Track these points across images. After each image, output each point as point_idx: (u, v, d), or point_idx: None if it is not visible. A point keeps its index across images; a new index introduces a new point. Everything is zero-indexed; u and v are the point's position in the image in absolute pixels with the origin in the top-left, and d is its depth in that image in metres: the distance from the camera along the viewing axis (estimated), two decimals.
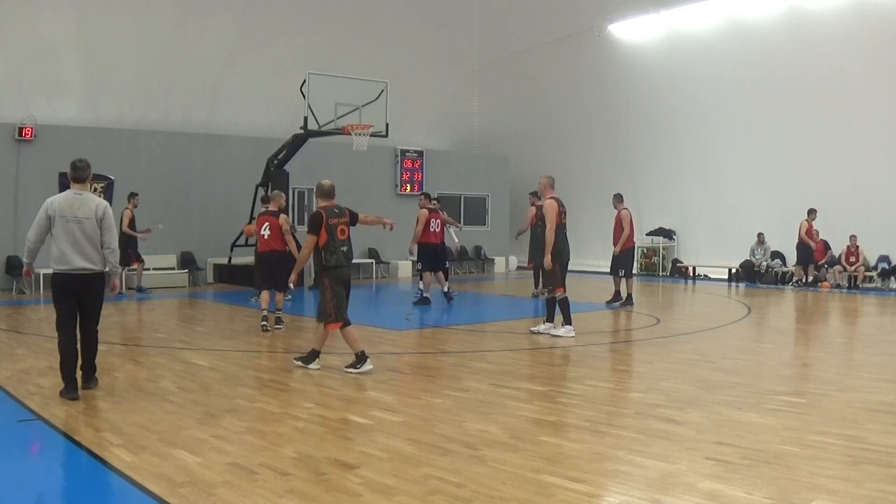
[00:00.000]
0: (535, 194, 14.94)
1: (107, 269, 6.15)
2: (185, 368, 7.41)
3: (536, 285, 14.75)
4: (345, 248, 7.23)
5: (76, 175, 6.13)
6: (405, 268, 19.61)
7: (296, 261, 10.16)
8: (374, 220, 8.27)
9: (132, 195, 14.58)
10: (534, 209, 14.69)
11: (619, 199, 13.46)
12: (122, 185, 15.74)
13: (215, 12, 16.82)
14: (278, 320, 10.12)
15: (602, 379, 6.99)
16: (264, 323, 9.85)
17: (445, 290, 14.34)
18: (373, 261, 19.25)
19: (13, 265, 14.72)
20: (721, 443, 4.80)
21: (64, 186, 14.53)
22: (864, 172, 16.02)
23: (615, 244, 13.21)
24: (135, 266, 14.68)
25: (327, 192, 7.36)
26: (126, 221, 14.13)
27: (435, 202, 14.21)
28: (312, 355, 7.36)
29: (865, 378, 7.07)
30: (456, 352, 8.59)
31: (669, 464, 4.40)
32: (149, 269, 16.14)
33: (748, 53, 17.03)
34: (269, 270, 10.19)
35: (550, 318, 9.62)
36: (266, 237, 10.21)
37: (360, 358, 7.17)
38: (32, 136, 15.01)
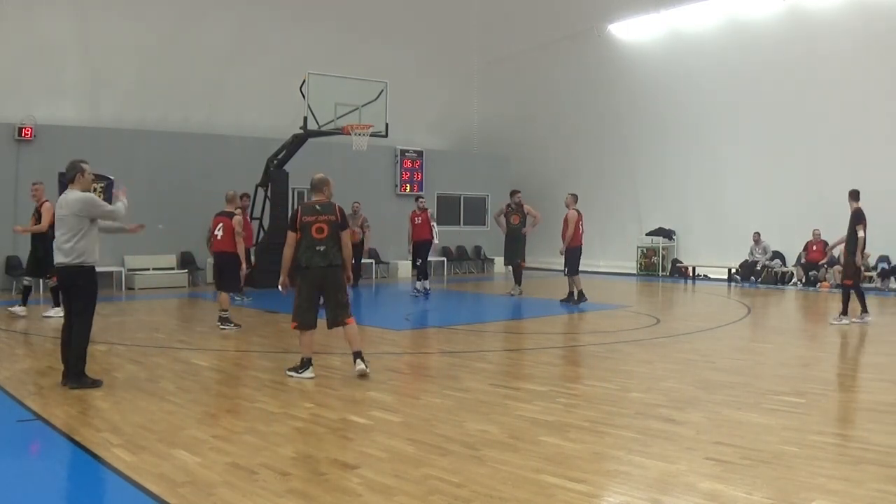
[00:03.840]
0: (517, 192, 15.10)
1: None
2: (185, 368, 7.41)
3: (518, 283, 14.78)
4: (321, 248, 6.75)
5: (66, 176, 6.73)
6: (405, 268, 19.63)
7: (242, 263, 10.29)
8: (346, 257, 7.01)
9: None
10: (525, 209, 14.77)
11: (574, 198, 13.53)
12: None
13: (215, 12, 16.80)
14: (225, 321, 9.96)
15: (602, 379, 6.99)
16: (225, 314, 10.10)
17: (426, 287, 14.52)
18: (372, 261, 19.25)
19: (13, 265, 14.72)
20: (721, 443, 4.80)
21: (63, 186, 14.56)
22: (863, 172, 15.98)
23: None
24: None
25: (313, 186, 6.99)
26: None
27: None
28: (303, 364, 6.97)
29: (865, 378, 7.07)
30: (456, 352, 8.59)
31: (669, 464, 4.40)
32: (148, 269, 16.16)
33: (748, 53, 17.03)
34: (218, 271, 10.18)
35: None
36: (219, 237, 10.04)
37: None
38: (32, 136, 15.01)
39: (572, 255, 13.28)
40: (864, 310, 10.78)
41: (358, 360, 6.88)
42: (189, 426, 5.25)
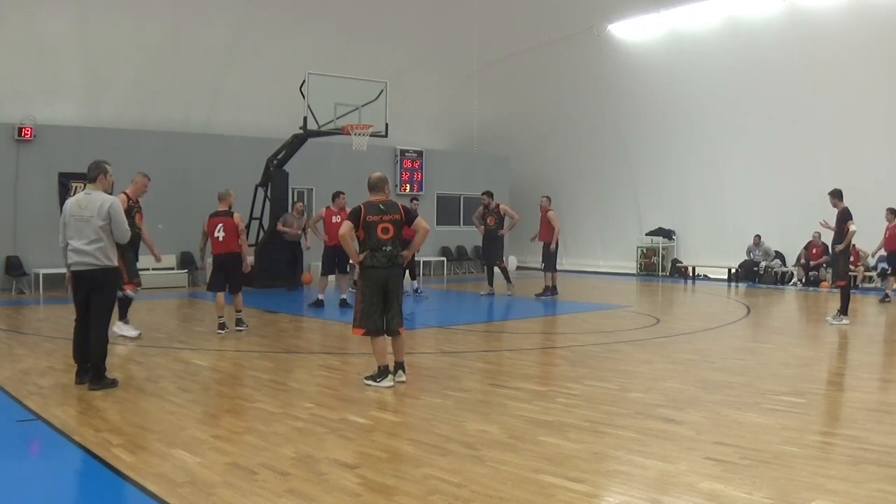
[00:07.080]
0: (488, 194, 15.16)
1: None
2: (185, 368, 7.41)
3: (491, 283, 14.84)
4: (387, 248, 6.55)
5: (88, 175, 6.72)
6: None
7: (245, 260, 9.97)
8: (417, 242, 6.94)
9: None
10: (490, 209, 14.88)
11: (549, 200, 14.96)
12: (121, 186, 15.69)
13: (215, 12, 16.80)
14: (239, 321, 9.80)
15: (602, 379, 6.99)
16: (222, 320, 9.57)
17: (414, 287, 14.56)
18: None
19: (13, 265, 14.71)
20: (721, 443, 4.80)
21: (63, 186, 14.56)
22: (863, 172, 16.00)
23: (552, 241, 14.45)
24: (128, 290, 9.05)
25: (372, 186, 6.73)
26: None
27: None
28: (380, 372, 6.60)
29: (865, 378, 7.07)
30: (456, 352, 8.59)
31: (669, 464, 4.40)
32: (147, 269, 16.13)
33: (748, 53, 17.03)
34: (224, 273, 9.72)
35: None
36: (221, 239, 9.67)
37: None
38: (32, 136, 14.99)
39: (553, 251, 14.51)
40: (844, 312, 10.67)
41: (400, 371, 6.75)
42: (189, 426, 5.25)
